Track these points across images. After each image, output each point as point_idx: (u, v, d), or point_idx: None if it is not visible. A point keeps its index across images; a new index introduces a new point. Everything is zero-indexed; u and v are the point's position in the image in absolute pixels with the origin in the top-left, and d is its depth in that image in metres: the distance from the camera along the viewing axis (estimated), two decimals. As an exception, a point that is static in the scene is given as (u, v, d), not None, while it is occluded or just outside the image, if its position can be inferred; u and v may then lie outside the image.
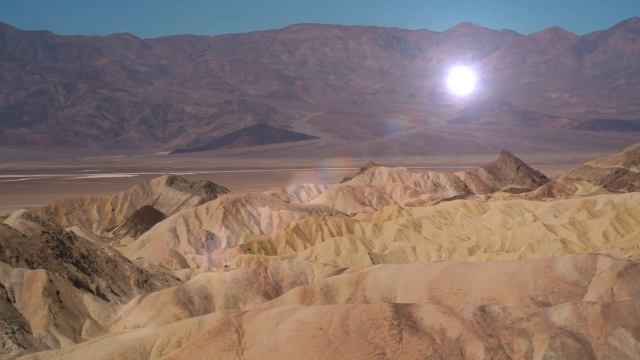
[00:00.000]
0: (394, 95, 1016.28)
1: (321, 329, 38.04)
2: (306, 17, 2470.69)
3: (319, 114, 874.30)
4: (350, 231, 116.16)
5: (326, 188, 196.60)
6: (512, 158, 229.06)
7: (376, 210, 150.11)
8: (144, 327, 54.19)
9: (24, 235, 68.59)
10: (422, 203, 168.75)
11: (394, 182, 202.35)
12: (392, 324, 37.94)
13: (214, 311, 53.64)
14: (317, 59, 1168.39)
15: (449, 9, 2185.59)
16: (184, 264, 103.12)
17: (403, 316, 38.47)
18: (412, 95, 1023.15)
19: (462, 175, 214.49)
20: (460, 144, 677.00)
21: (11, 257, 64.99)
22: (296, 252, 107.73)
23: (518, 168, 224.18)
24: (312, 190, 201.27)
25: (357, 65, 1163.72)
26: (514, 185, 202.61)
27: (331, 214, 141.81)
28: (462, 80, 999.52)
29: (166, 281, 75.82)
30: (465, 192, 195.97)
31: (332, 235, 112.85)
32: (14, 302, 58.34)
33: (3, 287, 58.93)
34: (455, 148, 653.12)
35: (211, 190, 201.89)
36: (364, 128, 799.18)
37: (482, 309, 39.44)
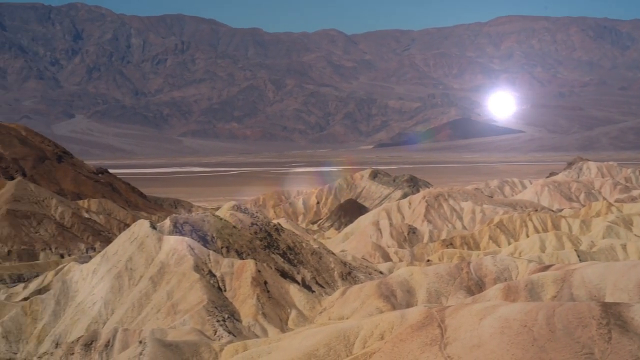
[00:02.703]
0: (604, 88, 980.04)
1: (526, 326, 37.34)
2: (513, 9, 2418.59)
3: (525, 108, 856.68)
4: (556, 227, 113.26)
5: (531, 183, 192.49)
6: None
7: (584, 206, 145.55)
8: (347, 318, 54.98)
9: (234, 227, 71.11)
10: (633, 199, 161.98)
11: (603, 177, 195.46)
12: (601, 323, 36.75)
13: (416, 305, 53.71)
14: (524, 51, 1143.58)
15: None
16: (386, 257, 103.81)
17: (612, 315, 37.17)
18: (623, 87, 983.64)
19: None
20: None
21: (222, 248, 67.56)
22: (499, 247, 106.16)
23: None
24: (516, 185, 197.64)
25: (565, 57, 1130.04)
26: None
27: (536, 210, 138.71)
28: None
29: (369, 274, 76.63)
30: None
31: (537, 231, 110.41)
32: (225, 290, 60.61)
33: (215, 276, 61.32)
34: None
35: (414, 184, 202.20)
36: (572, 122, 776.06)
37: (698, 311, 37.52)
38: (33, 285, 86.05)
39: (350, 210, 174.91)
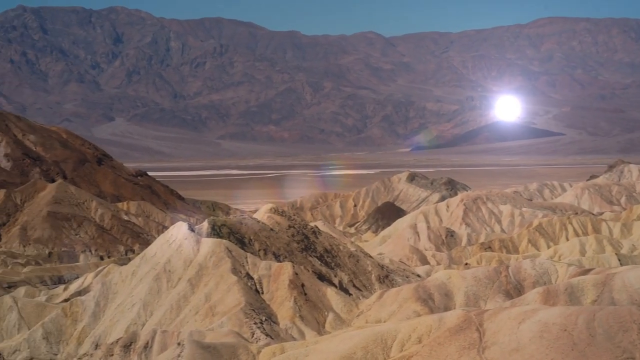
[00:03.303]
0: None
1: (565, 330, 37.00)
2: (553, 11, 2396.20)
3: (565, 110, 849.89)
4: (597, 231, 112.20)
5: (571, 186, 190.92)
6: None
7: (625, 209, 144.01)
8: (385, 322, 54.84)
9: (271, 229, 71.23)
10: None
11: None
12: (642, 328, 36.32)
13: (454, 308, 53.44)
14: (564, 53, 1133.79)
15: None
16: (424, 260, 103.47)
17: (653, 321, 36.72)
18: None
19: None
20: None
21: (260, 250, 67.70)
22: (539, 251, 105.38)
23: None
24: (556, 188, 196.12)
25: (607, 59, 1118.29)
26: None
27: (576, 213, 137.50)
28: None
29: (406, 277, 76.40)
30: None
31: (577, 235, 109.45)
32: (262, 293, 60.70)
33: (252, 278, 61.44)
34: None
35: (451, 187, 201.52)
36: (613, 124, 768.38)
37: None
38: (73, 286, 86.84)
39: (387, 213, 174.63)
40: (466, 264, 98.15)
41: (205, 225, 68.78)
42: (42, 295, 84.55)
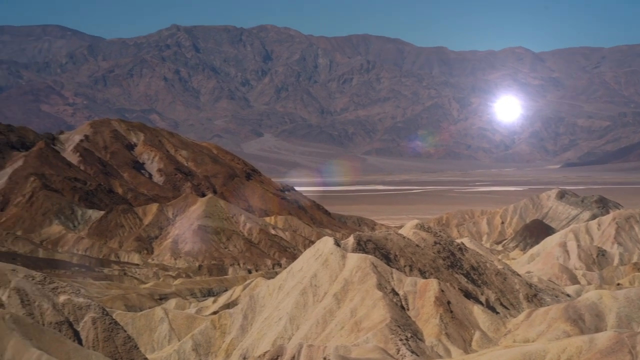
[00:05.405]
0: None
1: None
2: None
3: None
4: None
5: None
6: None
7: None
8: (533, 341, 53.85)
9: (417, 245, 71.00)
10: None
11: None
12: None
13: (605, 330, 51.97)
14: None
15: None
16: (574, 279, 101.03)
17: None
18: None
19: None
20: None
21: (405, 266, 67.57)
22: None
23: None
24: None
25: None
26: None
27: None
28: None
29: (556, 297, 74.74)
30: None
31: None
32: (408, 309, 60.50)
33: (397, 294, 61.35)
34: None
35: (603, 205, 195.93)
36: None
37: None
38: (222, 299, 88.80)
39: (536, 230, 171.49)
40: (618, 284, 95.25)
41: (350, 240, 69.09)
42: (192, 308, 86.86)
